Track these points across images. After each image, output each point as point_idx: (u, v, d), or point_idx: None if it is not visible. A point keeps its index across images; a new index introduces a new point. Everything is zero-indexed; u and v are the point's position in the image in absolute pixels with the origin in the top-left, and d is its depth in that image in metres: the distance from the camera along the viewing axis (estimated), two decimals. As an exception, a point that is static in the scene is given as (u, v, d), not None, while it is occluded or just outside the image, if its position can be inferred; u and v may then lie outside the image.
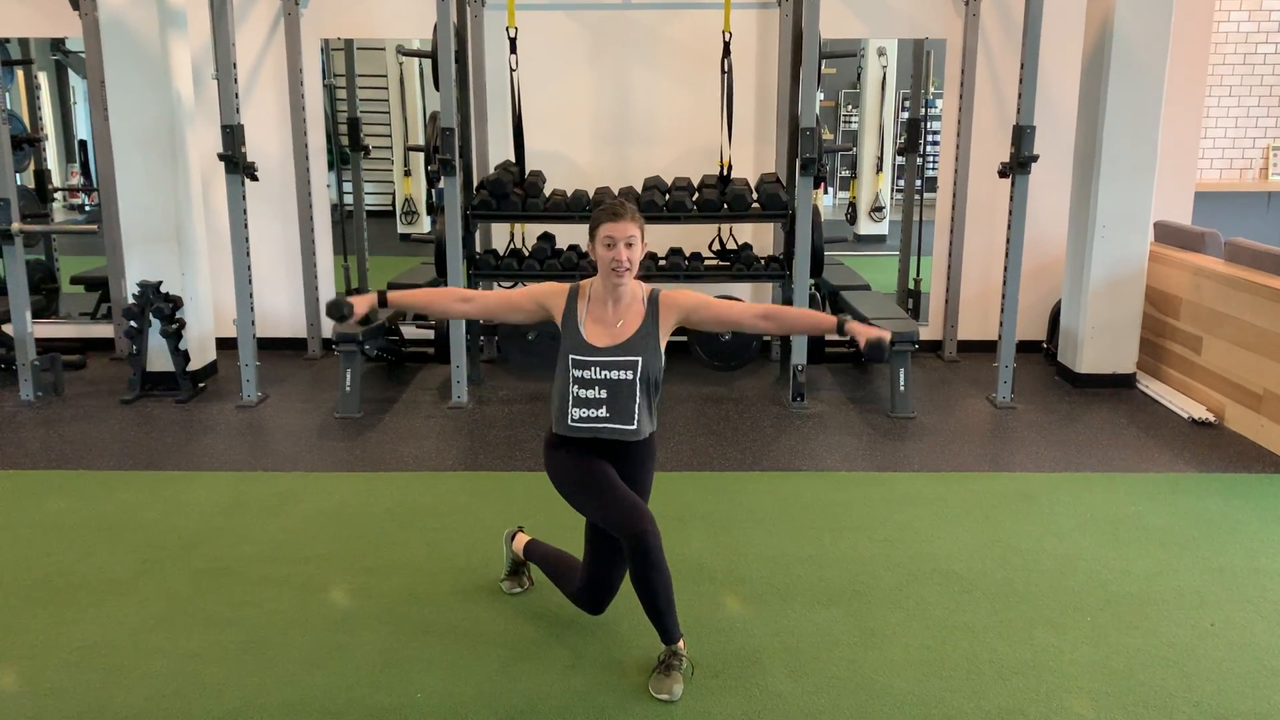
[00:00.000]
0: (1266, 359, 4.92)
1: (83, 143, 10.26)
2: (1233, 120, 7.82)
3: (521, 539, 3.46)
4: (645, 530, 2.84)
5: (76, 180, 10.48)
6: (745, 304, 3.07)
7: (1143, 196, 5.67)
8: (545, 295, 3.02)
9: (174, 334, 5.63)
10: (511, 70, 5.80)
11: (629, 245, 2.87)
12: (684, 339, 6.15)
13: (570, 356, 2.92)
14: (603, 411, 2.91)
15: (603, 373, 2.90)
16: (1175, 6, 5.51)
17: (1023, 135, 5.35)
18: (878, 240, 11.21)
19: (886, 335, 2.86)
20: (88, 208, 10.50)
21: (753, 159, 6.48)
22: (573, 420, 2.92)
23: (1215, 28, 7.40)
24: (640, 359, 2.90)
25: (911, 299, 6.98)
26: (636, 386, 2.90)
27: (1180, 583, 3.55)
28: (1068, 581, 3.55)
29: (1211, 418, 5.27)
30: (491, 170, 6.17)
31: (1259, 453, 4.86)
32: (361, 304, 2.95)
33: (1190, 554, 3.77)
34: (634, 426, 2.93)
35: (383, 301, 3.00)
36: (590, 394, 2.90)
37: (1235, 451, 4.87)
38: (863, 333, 2.87)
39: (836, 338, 2.98)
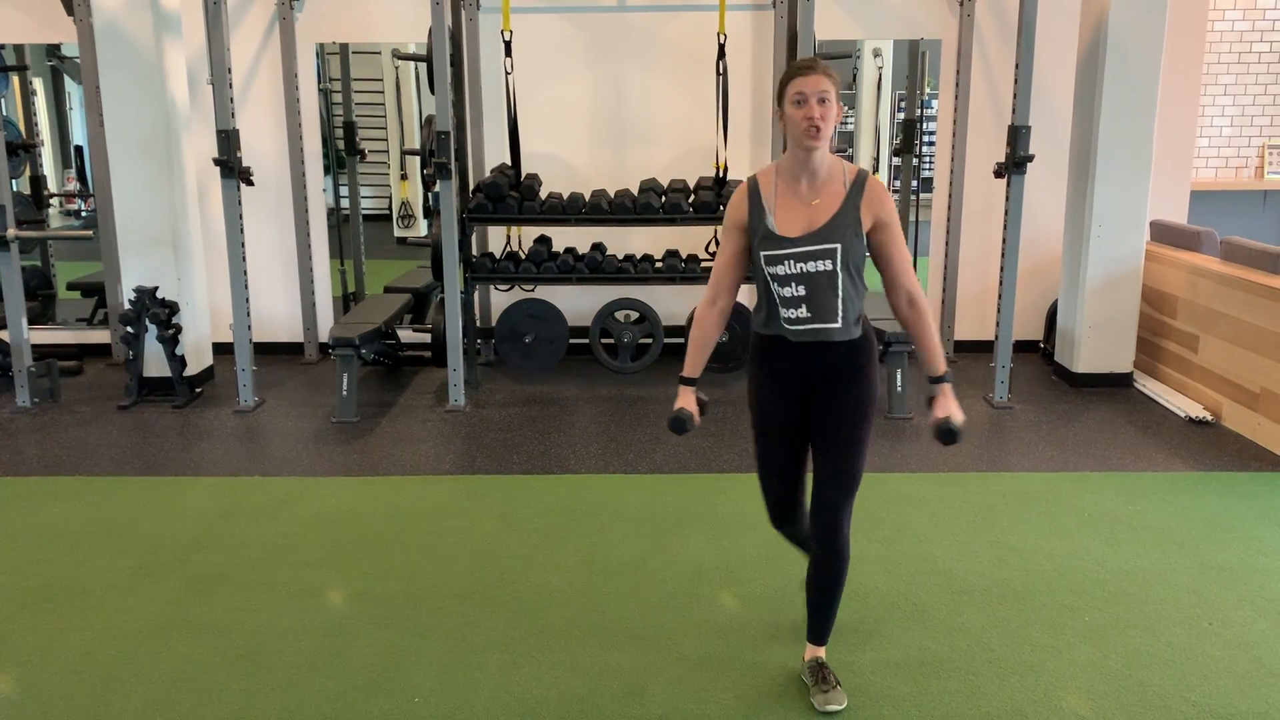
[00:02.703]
0: (1263, 357, 4.92)
1: (78, 148, 10.25)
2: (1228, 119, 7.82)
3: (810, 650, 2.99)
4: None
5: (72, 186, 10.46)
6: (910, 272, 2.71)
7: (1138, 196, 5.68)
8: (734, 216, 2.69)
9: (170, 339, 5.62)
10: (507, 73, 5.80)
11: (822, 102, 2.51)
12: (680, 340, 6.15)
13: (761, 253, 2.61)
14: (804, 310, 2.60)
15: (798, 265, 2.57)
16: (1170, 6, 5.52)
17: (1018, 135, 5.35)
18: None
19: (961, 421, 2.69)
20: (84, 213, 10.49)
21: (749, 160, 6.48)
22: (786, 323, 2.63)
23: (1210, 27, 7.40)
24: (839, 245, 2.56)
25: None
26: (839, 277, 2.58)
27: (1178, 582, 3.55)
28: (1065, 581, 3.55)
29: (1208, 416, 5.27)
30: (488, 173, 6.17)
31: (1256, 451, 4.86)
32: (690, 403, 2.74)
33: (1188, 553, 3.77)
34: (839, 324, 2.61)
35: (692, 383, 2.77)
36: (789, 291, 2.60)
37: (1232, 450, 4.87)
38: (946, 407, 2.68)
39: (928, 380, 2.75)
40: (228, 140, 5.36)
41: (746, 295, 6.35)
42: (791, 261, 2.59)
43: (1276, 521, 4.04)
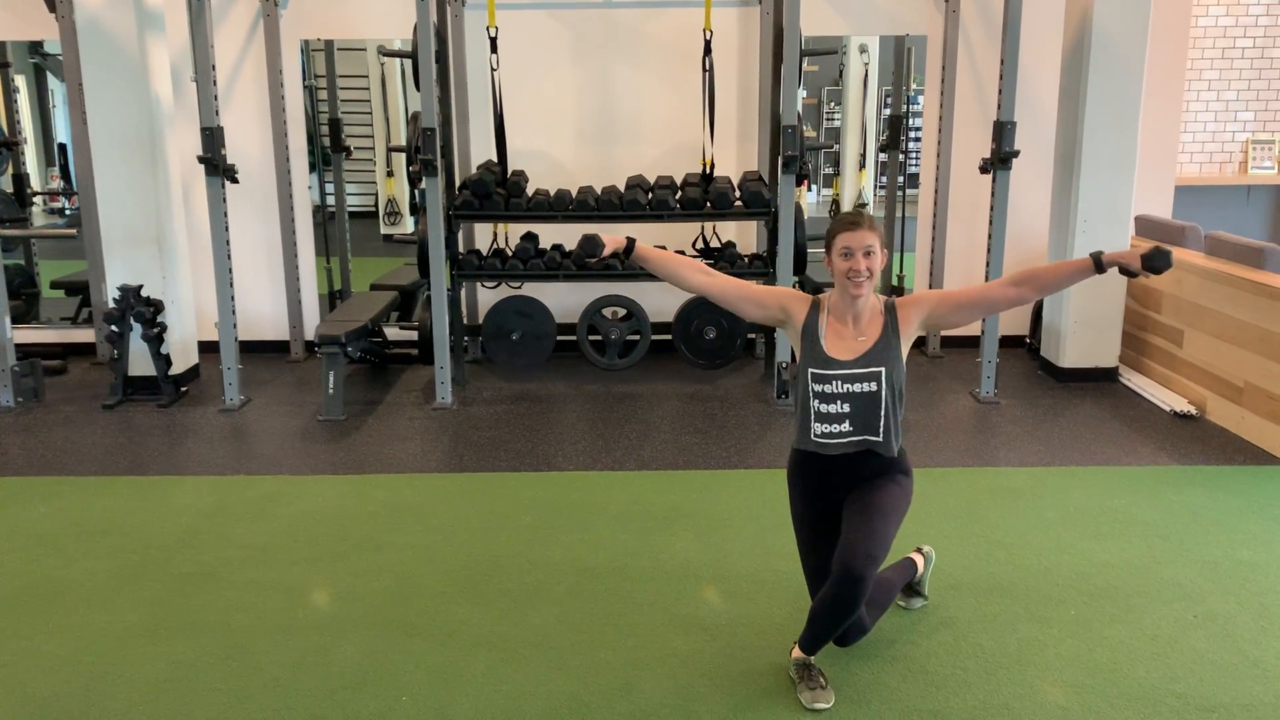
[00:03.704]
0: (1247, 352, 4.95)
1: (62, 146, 10.19)
2: (1212, 114, 7.86)
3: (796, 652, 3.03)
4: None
5: (56, 184, 10.40)
6: (989, 283, 2.93)
7: (1123, 191, 5.70)
8: (789, 300, 2.94)
9: (155, 338, 5.59)
10: (493, 70, 5.79)
11: (868, 255, 2.78)
12: (668, 336, 6.15)
13: (810, 370, 2.84)
14: (845, 426, 2.82)
15: (845, 386, 2.81)
16: (1154, 1, 5.54)
17: (1004, 131, 5.37)
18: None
19: (1164, 248, 2.68)
20: (68, 211, 10.43)
21: (735, 157, 6.48)
22: (814, 436, 2.85)
23: (1194, 22, 7.44)
24: (883, 369, 2.82)
25: (895, 295, 6.98)
26: (882, 398, 2.81)
27: (1163, 575, 3.57)
28: (1051, 575, 3.57)
29: (1193, 410, 5.30)
30: (474, 170, 6.16)
31: (1240, 445, 4.89)
32: (611, 244, 2.91)
33: (1173, 546, 3.79)
34: (880, 438, 2.83)
35: (629, 249, 2.95)
36: (832, 409, 2.82)
37: (1217, 444, 4.90)
38: (1132, 255, 2.70)
39: (1098, 269, 2.78)
40: (212, 138, 5.33)
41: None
42: (839, 382, 2.82)
43: (1261, 515, 4.07)
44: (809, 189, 12.42)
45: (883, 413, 2.81)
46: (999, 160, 5.42)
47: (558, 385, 6.00)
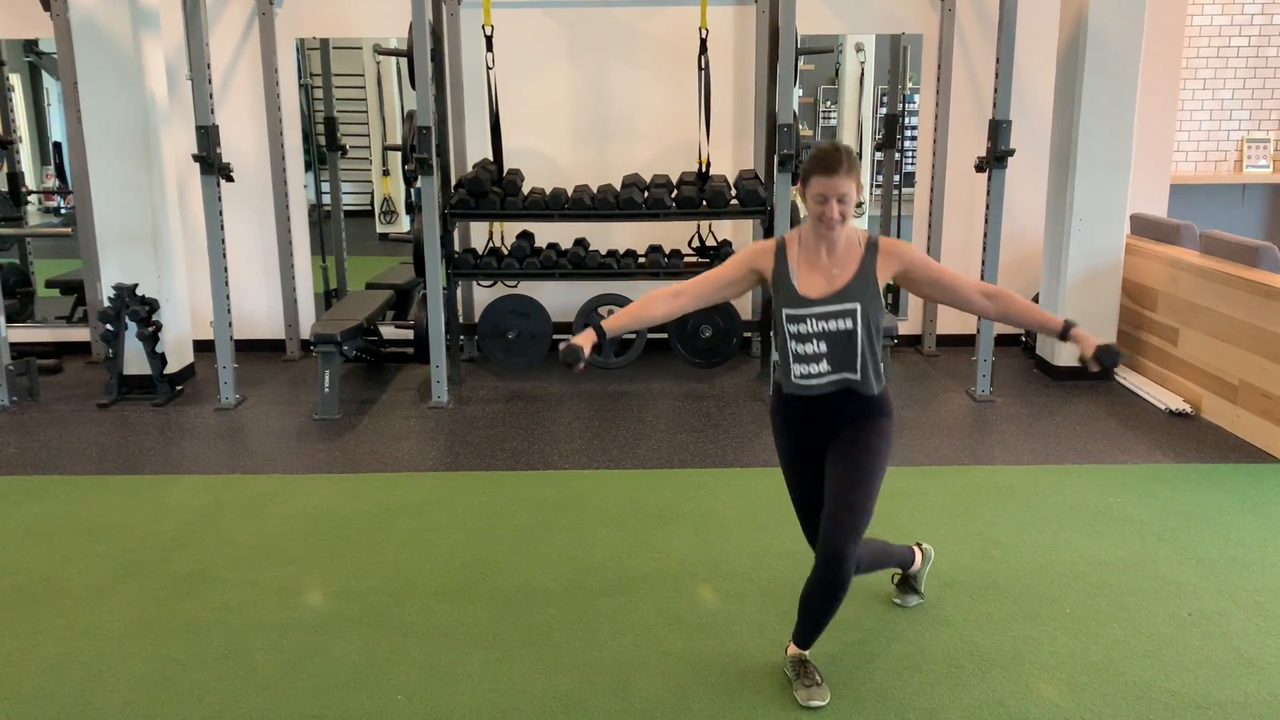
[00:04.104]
0: (1242, 350, 4.96)
1: (57, 145, 10.15)
2: (1207, 113, 7.87)
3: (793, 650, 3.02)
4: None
5: (51, 183, 10.37)
6: (968, 279, 2.88)
7: (1118, 189, 5.71)
8: (753, 258, 2.84)
9: (150, 337, 5.59)
10: (488, 68, 5.79)
11: (841, 200, 2.66)
12: (663, 335, 6.15)
13: (784, 311, 2.76)
14: (823, 365, 2.75)
15: (819, 324, 2.73)
16: (1149, 1, 5.54)
17: (999, 129, 5.37)
18: (858, 235, 11.22)
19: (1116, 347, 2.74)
20: (63, 210, 10.39)
21: (731, 155, 6.48)
22: (795, 378, 2.78)
23: (1189, 21, 7.45)
24: (858, 305, 2.72)
25: (891, 293, 7.00)
26: (858, 335, 2.73)
27: (1158, 573, 3.57)
28: (1047, 573, 3.57)
29: (1188, 409, 5.31)
30: (469, 169, 6.15)
31: (1235, 443, 4.89)
32: (586, 343, 2.79)
33: (1167, 544, 3.79)
34: (858, 376, 2.75)
35: (600, 333, 2.83)
36: (809, 348, 2.75)
37: (1212, 442, 4.91)
38: (1091, 340, 2.74)
39: (1060, 338, 2.81)
40: (207, 136, 5.32)
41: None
42: (813, 320, 2.74)
43: (1255, 513, 4.08)
44: (805, 188, 12.37)
45: (859, 350, 2.74)
46: (994, 159, 5.42)
47: (553, 384, 6.00)
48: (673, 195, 5.79)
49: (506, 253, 5.98)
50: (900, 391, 5.75)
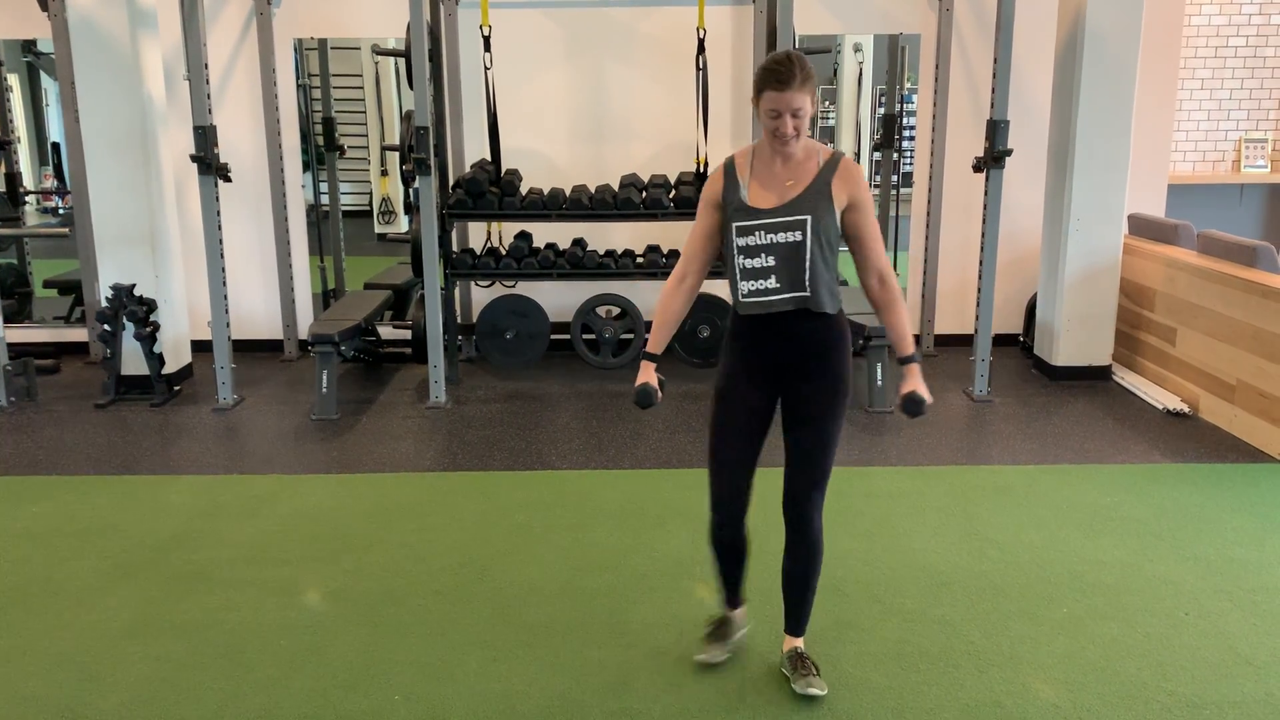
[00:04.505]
0: (1239, 350, 4.96)
1: (55, 145, 10.15)
2: (1205, 113, 7.87)
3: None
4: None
5: (49, 183, 10.37)
6: (881, 252, 2.74)
7: (1116, 189, 5.71)
8: (710, 194, 2.72)
9: (148, 337, 5.58)
10: (486, 69, 5.79)
11: (795, 115, 2.54)
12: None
13: (733, 225, 2.63)
14: (772, 281, 2.61)
15: (768, 236, 2.60)
16: (1146, 0, 5.55)
17: (996, 129, 5.38)
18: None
19: (929, 399, 2.75)
20: (61, 210, 10.39)
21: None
22: (743, 296, 2.64)
23: (1186, 21, 7.45)
24: (809, 217, 2.58)
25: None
26: (807, 248, 2.59)
27: (1155, 573, 3.57)
28: (1044, 573, 3.57)
29: (1186, 409, 5.31)
30: (468, 169, 6.15)
31: (1233, 443, 4.90)
32: (652, 377, 2.76)
33: (1165, 544, 3.80)
34: (808, 293, 2.61)
35: (654, 359, 2.78)
36: (756, 262, 2.61)
37: (1209, 442, 4.91)
38: (913, 384, 2.74)
39: (898, 361, 2.82)
40: (205, 136, 5.32)
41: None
42: (762, 232, 2.61)
43: (1253, 512, 4.08)
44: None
45: (808, 265, 2.60)
46: (992, 159, 5.42)
47: (551, 384, 6.00)
48: (670, 195, 5.79)
49: (504, 253, 5.98)
50: (898, 391, 5.74)
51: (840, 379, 2.73)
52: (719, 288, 6.41)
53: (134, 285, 5.61)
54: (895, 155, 7.03)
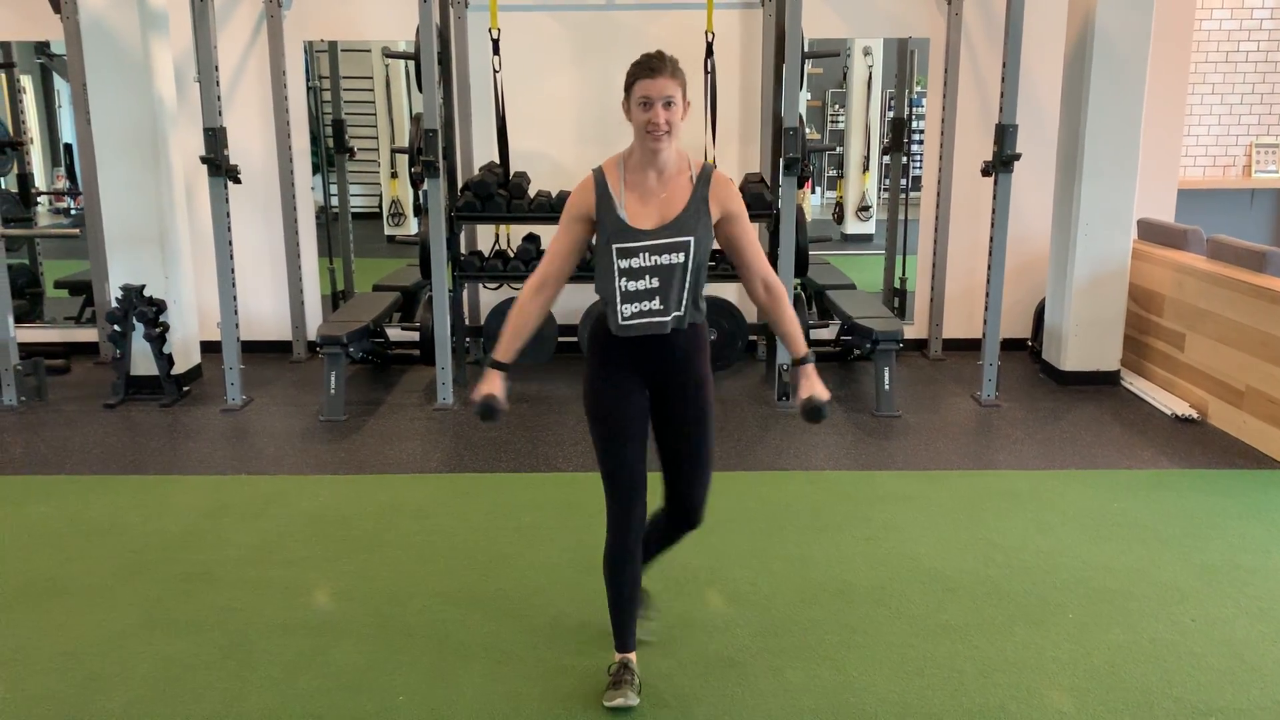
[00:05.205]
0: (1249, 355, 4.94)
1: (67, 146, 10.21)
2: (1215, 118, 7.85)
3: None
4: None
5: (61, 184, 10.43)
6: (762, 259, 2.73)
7: (1125, 194, 5.69)
8: (577, 206, 2.64)
9: (158, 338, 5.61)
10: (495, 71, 5.80)
11: (668, 106, 2.52)
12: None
13: (614, 246, 2.58)
14: (655, 303, 2.59)
15: (652, 258, 2.57)
16: (1156, 4, 5.53)
17: (1005, 133, 5.37)
18: (865, 239, 11.23)
19: (826, 399, 2.69)
20: (73, 211, 10.45)
21: (737, 159, 6.49)
22: (624, 319, 2.60)
23: (1197, 25, 7.42)
24: (692, 239, 2.57)
25: (897, 297, 7.00)
26: (689, 269, 2.58)
27: (1162, 579, 3.56)
28: (1050, 579, 3.56)
29: (1194, 414, 5.29)
30: (476, 171, 6.16)
31: (1241, 449, 4.88)
32: (497, 388, 2.69)
33: (1172, 550, 3.78)
34: (681, 313, 2.62)
35: (503, 368, 2.72)
36: (640, 285, 2.58)
37: (1218, 448, 4.89)
38: (810, 387, 2.70)
39: (791, 363, 2.80)
40: (215, 138, 5.35)
41: (735, 293, 6.36)
42: (646, 254, 2.58)
43: (1261, 519, 4.06)
44: (811, 191, 12.40)
45: (687, 284, 2.60)
46: (1001, 163, 5.41)
47: (559, 386, 6.01)
48: (679, 198, 5.79)
49: (512, 255, 5.99)
50: (906, 396, 5.74)
51: (708, 379, 2.77)
52: (728, 292, 6.43)
53: (144, 286, 5.64)
54: (904, 159, 7.01)
